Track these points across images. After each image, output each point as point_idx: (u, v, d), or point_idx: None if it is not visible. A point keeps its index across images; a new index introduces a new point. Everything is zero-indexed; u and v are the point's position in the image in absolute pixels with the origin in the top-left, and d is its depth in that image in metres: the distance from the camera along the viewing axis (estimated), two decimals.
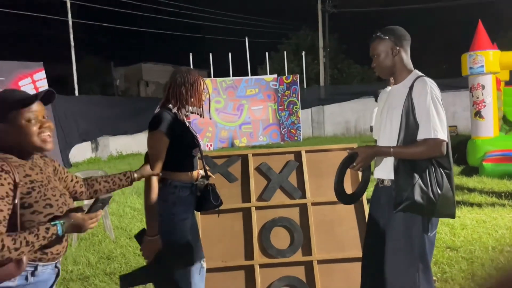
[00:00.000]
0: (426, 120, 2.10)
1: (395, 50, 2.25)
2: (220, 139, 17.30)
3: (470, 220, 5.02)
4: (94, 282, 3.76)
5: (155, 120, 2.24)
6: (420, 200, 2.10)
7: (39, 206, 1.58)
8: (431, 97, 2.11)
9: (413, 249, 2.18)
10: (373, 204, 2.42)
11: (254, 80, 17.90)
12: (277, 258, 3.10)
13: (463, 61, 8.56)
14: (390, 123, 2.26)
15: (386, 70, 2.31)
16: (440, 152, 2.10)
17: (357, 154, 2.24)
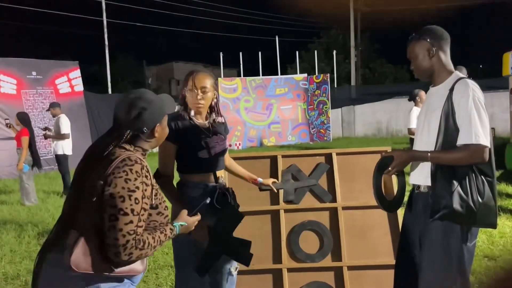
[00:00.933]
0: (467, 124, 1.98)
1: (432, 51, 2.14)
2: (249, 138, 17.32)
3: (510, 228, 4.79)
4: None
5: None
6: (459, 208, 1.98)
7: (162, 208, 1.69)
8: (473, 100, 1.99)
9: (451, 260, 2.07)
10: (408, 211, 2.32)
11: (284, 79, 17.83)
12: (306, 262, 3.03)
13: (504, 60, 8.20)
14: (428, 127, 2.15)
15: (424, 72, 2.20)
16: (482, 159, 1.98)
17: (392, 158, 2.14)
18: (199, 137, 2.33)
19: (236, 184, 3.21)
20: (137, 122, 1.63)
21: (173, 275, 3.80)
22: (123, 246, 1.47)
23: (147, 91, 1.74)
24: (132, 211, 1.50)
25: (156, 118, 1.68)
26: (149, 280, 3.76)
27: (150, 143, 1.73)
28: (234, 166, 2.77)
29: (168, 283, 3.65)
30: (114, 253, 1.49)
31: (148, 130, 1.66)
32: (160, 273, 3.87)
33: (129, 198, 1.50)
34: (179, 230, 1.69)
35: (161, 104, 1.70)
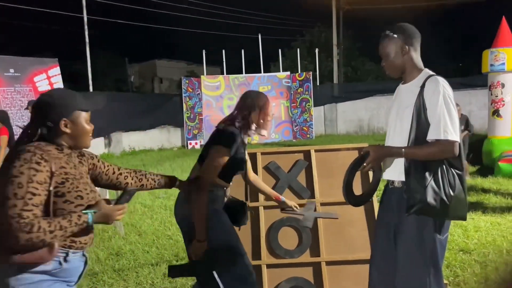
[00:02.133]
0: (438, 120, 2.03)
1: (405, 49, 2.18)
2: None
3: (485, 222, 4.91)
4: (103, 278, 3.77)
5: (229, 138, 2.39)
6: (433, 202, 2.03)
7: (71, 197, 1.68)
8: (443, 96, 2.05)
9: (425, 252, 2.12)
10: (383, 206, 2.37)
11: (267, 77, 17.86)
12: (285, 258, 3.06)
13: (484, 58, 8.37)
14: (400, 123, 2.20)
15: (396, 69, 2.24)
16: (452, 153, 2.03)
17: (368, 154, 2.18)
18: (244, 154, 2.56)
19: None
20: (41, 117, 1.70)
21: (153, 273, 3.80)
22: (8, 230, 1.51)
23: (59, 89, 1.85)
24: (15, 195, 1.54)
25: (62, 112, 1.71)
26: (129, 278, 3.74)
27: (67, 139, 1.74)
28: (258, 182, 2.88)
29: (149, 281, 3.65)
30: (2, 238, 1.54)
31: (52, 125, 1.70)
32: (140, 272, 3.86)
33: (12, 183, 1.55)
34: (92, 217, 1.67)
35: (70, 100, 1.74)
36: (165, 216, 5.79)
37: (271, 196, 2.88)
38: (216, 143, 2.39)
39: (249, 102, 2.50)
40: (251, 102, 2.49)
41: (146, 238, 4.85)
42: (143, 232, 5.12)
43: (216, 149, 2.37)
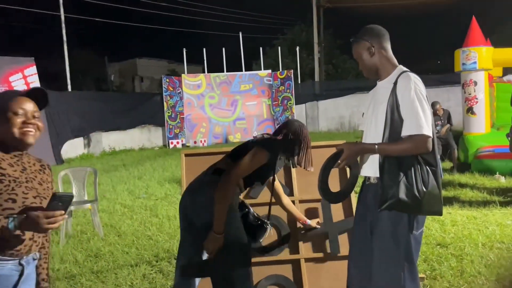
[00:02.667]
0: (411, 116, 2.06)
1: (372, 50, 2.24)
2: (214, 135, 17.25)
3: (461, 216, 5.01)
4: (81, 281, 3.72)
5: (274, 146, 2.43)
6: (405, 198, 2.06)
7: (1, 199, 1.59)
8: (415, 92, 2.08)
9: (399, 247, 2.15)
10: (360, 202, 2.39)
11: (248, 76, 17.85)
12: (264, 256, 3.06)
13: (456, 57, 8.55)
14: (375, 120, 2.23)
15: (370, 70, 2.30)
16: (425, 149, 2.06)
17: (342, 151, 2.20)
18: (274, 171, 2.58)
19: None
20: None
21: (133, 274, 3.76)
22: None
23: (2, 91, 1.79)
24: None
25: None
26: (108, 280, 3.70)
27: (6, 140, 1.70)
28: (290, 206, 2.93)
29: (128, 282, 3.61)
30: None
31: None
32: (119, 273, 3.82)
33: None
34: (13, 224, 1.53)
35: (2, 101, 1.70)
36: (145, 217, 5.75)
37: (299, 220, 2.96)
38: (260, 145, 2.40)
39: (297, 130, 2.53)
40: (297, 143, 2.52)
41: (126, 239, 4.80)
42: (123, 232, 5.07)
43: (258, 150, 2.38)
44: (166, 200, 6.68)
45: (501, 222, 4.71)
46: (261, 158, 2.37)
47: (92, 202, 5.05)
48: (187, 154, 3.33)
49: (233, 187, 2.33)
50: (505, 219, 4.85)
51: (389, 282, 2.17)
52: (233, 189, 2.34)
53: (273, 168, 2.52)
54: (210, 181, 2.40)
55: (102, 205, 6.46)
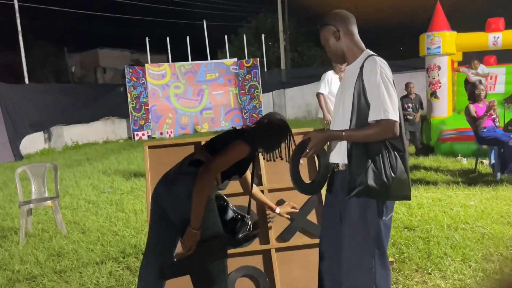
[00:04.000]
0: (377, 100, 2.02)
1: (337, 34, 2.20)
2: (181, 126, 16.98)
3: (427, 199, 5.11)
4: (42, 282, 3.54)
5: (256, 139, 2.33)
6: (374, 184, 2.03)
7: None
8: (381, 76, 2.04)
9: (369, 234, 2.13)
10: (329, 190, 2.36)
11: (214, 64, 17.61)
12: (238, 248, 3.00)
13: (421, 42, 8.68)
14: (342, 106, 2.18)
15: (336, 55, 2.25)
16: (393, 133, 2.03)
17: (309, 140, 2.15)
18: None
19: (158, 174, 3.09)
20: None
21: (98, 272, 3.62)
22: None
23: None
24: None
25: None
26: (71, 280, 3.54)
27: None
28: (259, 194, 2.85)
29: (93, 281, 3.47)
30: None
31: None
32: (84, 272, 3.66)
33: None
34: None
35: None
36: (111, 211, 5.56)
37: (268, 207, 2.89)
38: (242, 139, 2.29)
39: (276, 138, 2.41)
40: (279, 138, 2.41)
41: (91, 236, 4.63)
42: (87, 229, 4.88)
43: (239, 143, 2.28)
44: (132, 194, 6.49)
45: (464, 203, 4.84)
46: (242, 152, 2.29)
47: (53, 199, 4.83)
48: (150, 146, 3.21)
49: (212, 180, 2.23)
50: (468, 200, 4.99)
51: (360, 270, 2.15)
52: (212, 182, 2.25)
53: (253, 161, 2.45)
54: (188, 172, 2.29)
55: (64, 201, 6.21)
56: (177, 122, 16.77)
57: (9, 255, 4.22)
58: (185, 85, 16.86)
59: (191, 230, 2.19)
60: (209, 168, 2.20)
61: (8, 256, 4.19)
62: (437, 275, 3.18)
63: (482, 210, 4.56)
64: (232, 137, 2.34)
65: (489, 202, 4.86)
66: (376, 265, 2.13)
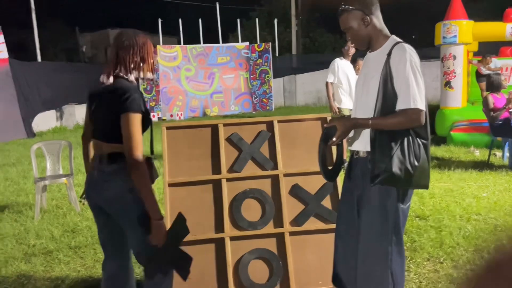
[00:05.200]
0: (406, 89, 2.00)
1: (366, 20, 2.13)
2: (191, 108, 16.98)
3: (439, 189, 5.10)
4: (58, 256, 3.62)
5: (133, 100, 2.06)
6: (398, 172, 2.02)
7: None
8: (410, 65, 2.01)
9: (387, 221, 2.13)
10: (348, 176, 2.36)
11: (226, 48, 17.51)
12: (248, 230, 3.03)
13: (436, 30, 8.55)
14: (366, 92, 2.16)
15: (363, 41, 2.19)
16: (419, 122, 2.02)
17: (335, 128, 2.14)
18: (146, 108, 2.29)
19: (175, 155, 3.12)
20: None
21: None
22: None
23: None
24: None
25: None
26: (86, 256, 3.61)
27: None
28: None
29: None
30: None
31: None
32: (98, 248, 3.72)
33: None
34: None
35: None
36: None
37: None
38: (125, 111, 2.05)
39: (126, 42, 2.16)
40: (129, 42, 2.16)
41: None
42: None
43: (128, 118, 2.05)
44: None
45: (477, 195, 4.82)
46: (139, 121, 2.09)
47: (67, 177, 4.89)
48: (168, 127, 3.22)
49: (144, 165, 2.08)
50: (480, 191, 4.97)
51: (376, 256, 2.16)
52: (145, 167, 2.09)
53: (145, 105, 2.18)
54: (115, 172, 2.14)
55: (77, 179, 6.28)
56: (187, 104, 16.78)
57: (24, 229, 4.30)
58: (196, 68, 16.82)
59: (156, 222, 2.10)
60: (134, 156, 2.04)
61: (24, 230, 4.27)
62: (449, 264, 3.19)
63: (495, 201, 4.55)
64: (113, 114, 2.09)
65: (502, 194, 4.85)
66: (393, 252, 2.14)
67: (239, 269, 2.96)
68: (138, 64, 2.19)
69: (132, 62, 2.17)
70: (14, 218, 4.68)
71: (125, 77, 2.16)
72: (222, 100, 17.19)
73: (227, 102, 17.24)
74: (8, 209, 4.98)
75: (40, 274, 3.34)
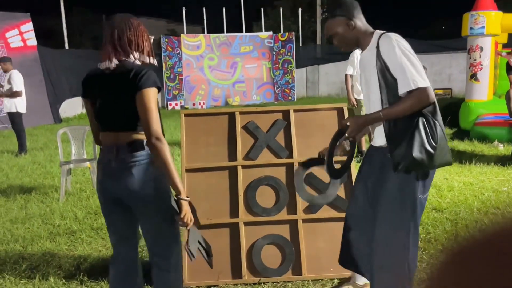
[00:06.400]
0: (402, 73, 2.02)
1: (351, 24, 2.18)
2: (213, 97, 17.12)
3: (458, 182, 5.05)
4: (81, 236, 3.78)
5: (148, 76, 2.00)
6: (419, 155, 2.03)
7: None
8: (400, 49, 2.04)
9: (406, 211, 2.14)
10: (365, 165, 2.38)
11: (249, 37, 17.53)
12: (262, 216, 3.10)
13: (464, 21, 8.34)
14: (369, 89, 2.20)
15: (350, 44, 2.25)
16: (428, 100, 2.02)
17: (348, 126, 2.16)
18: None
19: (192, 141, 3.20)
20: None
21: None
22: None
23: None
24: None
25: None
26: (107, 237, 3.73)
27: None
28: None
29: None
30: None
31: None
32: None
33: None
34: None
35: None
36: None
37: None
38: (140, 88, 1.97)
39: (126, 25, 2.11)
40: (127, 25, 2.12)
41: None
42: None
43: (144, 94, 1.97)
44: None
45: (497, 189, 4.76)
46: (155, 96, 2.04)
47: (91, 161, 5.06)
48: (186, 114, 3.31)
49: (165, 142, 2.01)
50: (501, 186, 4.90)
51: (394, 247, 2.17)
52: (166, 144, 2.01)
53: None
54: (137, 160, 2.06)
55: None
56: (210, 93, 16.92)
57: (50, 210, 4.49)
58: (219, 57, 16.90)
59: (184, 199, 2.04)
60: (155, 130, 1.97)
61: (50, 211, 4.46)
62: None
63: None
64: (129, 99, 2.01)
65: None
66: (410, 242, 2.16)
67: (253, 253, 3.04)
68: (138, 45, 2.12)
69: (132, 43, 2.10)
70: (40, 199, 4.89)
71: (128, 59, 2.08)
72: (244, 89, 17.26)
73: (249, 91, 17.29)
74: (35, 191, 5.19)
75: (64, 253, 3.50)
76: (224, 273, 3.02)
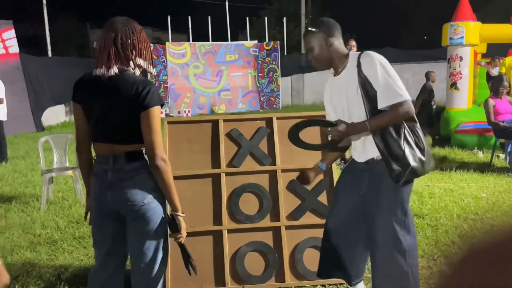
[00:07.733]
0: (386, 87, 2.09)
1: (329, 41, 2.24)
2: (199, 106, 17.10)
3: (439, 189, 5.14)
4: (62, 246, 3.73)
5: (153, 93, 1.92)
6: (415, 163, 2.11)
7: None
8: (381, 66, 2.11)
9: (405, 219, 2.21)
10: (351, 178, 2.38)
11: (234, 46, 17.59)
12: (246, 223, 3.12)
13: (444, 31, 8.55)
14: (349, 107, 2.24)
15: (324, 62, 2.30)
16: (411, 112, 2.10)
17: (338, 124, 2.18)
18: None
19: (176, 149, 3.21)
20: None
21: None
22: None
23: None
24: None
25: None
26: (89, 246, 3.71)
27: None
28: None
29: None
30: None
31: None
32: None
33: None
34: None
35: None
36: None
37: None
38: (147, 107, 1.90)
39: (128, 29, 2.00)
40: (130, 29, 2.00)
41: None
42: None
43: (151, 113, 1.91)
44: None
45: (476, 195, 4.86)
46: (159, 113, 1.97)
47: (73, 169, 5.01)
48: (170, 121, 3.31)
49: (169, 163, 1.97)
50: (480, 192, 5.00)
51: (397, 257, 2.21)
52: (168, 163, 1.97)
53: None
54: (136, 170, 1.97)
55: None
56: (195, 101, 16.90)
57: (31, 219, 4.43)
58: (205, 65, 16.92)
59: (180, 215, 2.05)
60: (160, 153, 1.92)
61: (30, 220, 4.40)
62: (442, 261, 3.24)
63: (493, 202, 4.59)
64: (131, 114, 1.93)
65: (502, 195, 4.88)
66: (411, 248, 2.22)
67: (236, 260, 3.05)
68: (141, 51, 2.02)
69: (136, 48, 2.00)
70: (21, 208, 4.82)
71: (129, 67, 1.99)
72: (229, 98, 17.28)
73: (235, 100, 17.32)
74: (16, 200, 5.11)
75: (45, 262, 3.45)
76: (208, 281, 3.01)
